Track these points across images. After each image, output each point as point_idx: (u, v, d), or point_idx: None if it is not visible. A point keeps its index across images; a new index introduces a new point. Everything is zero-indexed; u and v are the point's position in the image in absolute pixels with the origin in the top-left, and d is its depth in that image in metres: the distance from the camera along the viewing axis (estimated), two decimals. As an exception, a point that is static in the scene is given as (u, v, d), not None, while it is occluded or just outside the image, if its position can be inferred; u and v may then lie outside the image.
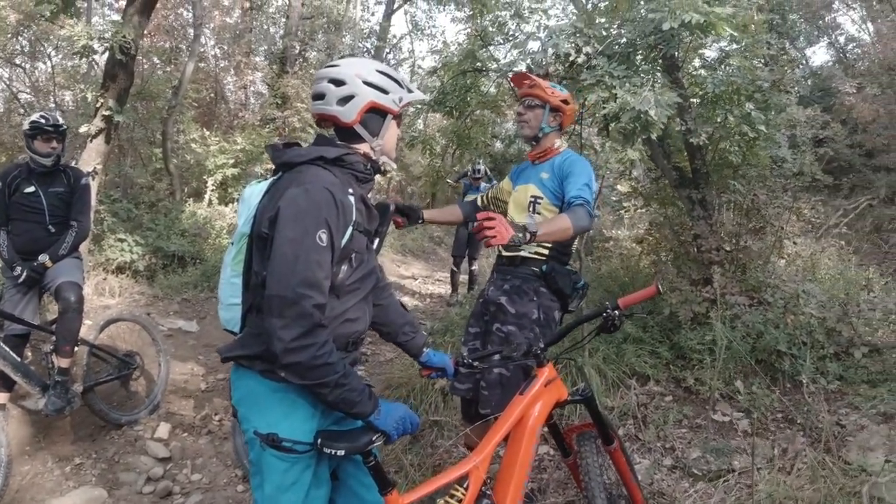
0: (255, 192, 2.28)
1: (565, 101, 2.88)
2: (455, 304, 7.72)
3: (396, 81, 1.87)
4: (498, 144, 12.80)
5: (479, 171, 7.47)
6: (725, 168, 5.08)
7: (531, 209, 2.86)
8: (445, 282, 10.18)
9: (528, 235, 2.21)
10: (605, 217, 9.20)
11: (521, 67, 4.16)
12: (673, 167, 5.21)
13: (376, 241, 1.93)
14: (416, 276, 10.60)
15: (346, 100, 1.78)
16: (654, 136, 3.76)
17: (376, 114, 1.84)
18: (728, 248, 5.13)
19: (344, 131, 1.84)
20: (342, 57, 2.28)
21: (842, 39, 16.15)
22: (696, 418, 4.19)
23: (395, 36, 18.82)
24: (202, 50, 14.28)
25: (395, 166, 1.97)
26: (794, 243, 5.76)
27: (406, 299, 8.62)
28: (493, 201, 3.23)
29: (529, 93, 2.88)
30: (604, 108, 3.49)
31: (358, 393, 1.67)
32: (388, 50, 16.42)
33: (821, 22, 14.42)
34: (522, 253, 2.83)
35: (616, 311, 2.10)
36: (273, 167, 1.86)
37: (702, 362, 4.44)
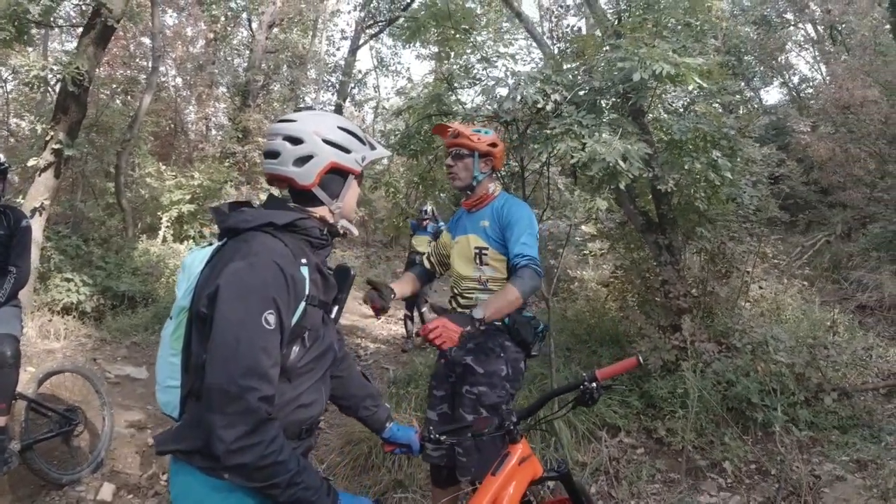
0: (196, 259, 2.02)
1: (493, 144, 2.76)
2: (410, 350, 7.48)
3: (359, 138, 1.72)
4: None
5: (425, 212, 7.41)
6: (691, 213, 5.07)
7: (478, 261, 2.74)
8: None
9: (476, 324, 2.25)
10: (569, 257, 9.15)
11: (488, 112, 4.08)
12: (639, 212, 5.19)
13: (335, 311, 1.76)
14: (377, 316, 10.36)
15: (303, 160, 1.62)
16: (622, 186, 3.69)
17: (337, 174, 1.68)
18: (696, 294, 5.10)
19: (300, 193, 1.68)
20: (298, 110, 2.10)
21: (795, 79, 16.86)
22: (670, 472, 4.07)
23: (360, 71, 18.85)
24: (162, 80, 13.99)
25: (355, 231, 1.80)
26: (760, 287, 5.78)
27: (368, 342, 8.38)
28: (438, 258, 3.08)
29: (455, 143, 2.76)
30: (573, 157, 3.41)
31: (314, 491, 1.48)
32: (352, 85, 16.37)
33: (774, 62, 14.99)
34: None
35: (594, 384, 1.96)
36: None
37: (673, 413, 4.35)
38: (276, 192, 1.94)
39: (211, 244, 1.68)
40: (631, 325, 5.34)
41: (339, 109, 14.51)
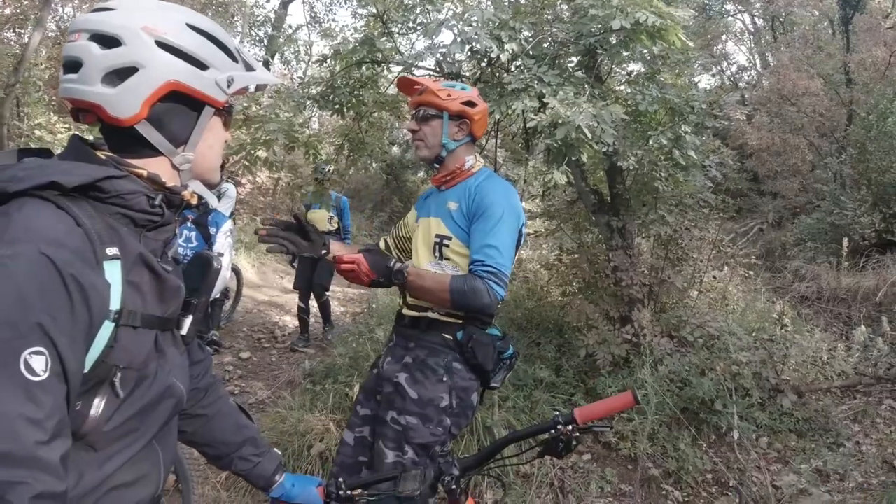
0: None
1: (469, 103, 2.09)
2: (301, 350, 6.02)
3: (225, 48, 1.05)
4: (395, 149, 11.86)
5: (324, 170, 5.37)
6: (646, 194, 4.62)
7: (437, 253, 2.08)
8: (333, 297, 9.22)
9: (391, 277, 1.90)
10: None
11: (430, 63, 3.44)
12: (591, 190, 4.69)
13: (186, 324, 1.09)
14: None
15: (120, 74, 0.94)
16: (583, 158, 3.14)
17: (182, 104, 1.02)
18: (647, 283, 4.69)
19: (118, 133, 1.00)
20: None
21: (734, 68, 17.00)
22: (621, 483, 3.64)
23: (290, 26, 17.55)
24: (62, 20, 12.41)
25: (214, 200, 1.19)
26: (714, 277, 5.45)
27: (287, 319, 7.59)
28: (398, 243, 2.42)
29: (420, 101, 2.10)
30: (531, 120, 2.82)
31: None
32: (282, 40, 15.14)
33: (714, 50, 14.96)
34: (430, 314, 2.05)
35: (570, 427, 1.40)
36: None
37: (622, 413, 3.92)
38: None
39: None
40: (577, 313, 4.89)
41: (266, 65, 13.37)
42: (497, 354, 2.03)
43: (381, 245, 2.43)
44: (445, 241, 2.06)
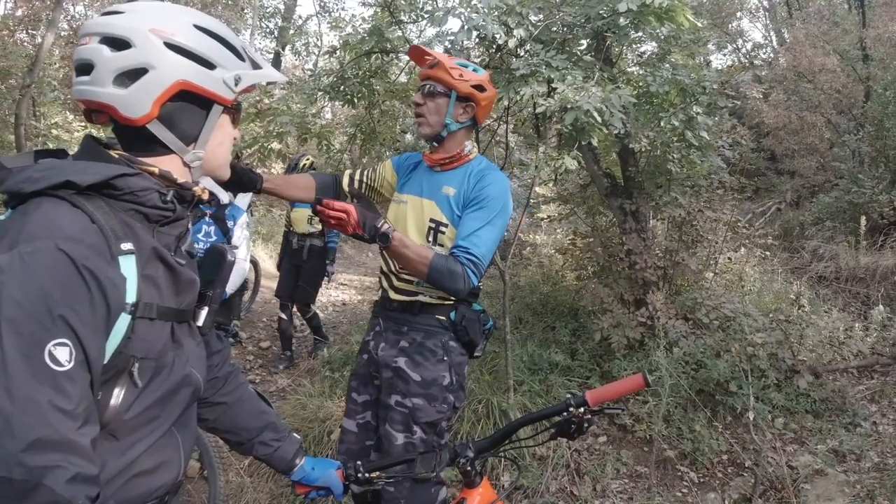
0: None
1: (479, 87, 2.06)
2: (281, 369, 5.15)
3: (231, 48, 1.08)
4: (409, 137, 11.88)
5: (295, 166, 4.89)
6: (660, 177, 4.60)
7: (430, 238, 2.08)
8: (350, 285, 9.32)
9: (376, 238, 1.79)
10: (519, 219, 8.64)
11: (439, 50, 3.43)
12: (604, 174, 4.68)
13: (202, 315, 1.14)
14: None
15: (131, 76, 0.98)
16: (594, 142, 3.14)
17: (192, 103, 1.05)
18: (661, 265, 4.68)
19: (130, 133, 1.03)
20: None
21: (749, 45, 16.68)
22: (636, 464, 3.67)
23: (300, 17, 17.55)
24: (74, 19, 12.54)
25: (224, 196, 1.19)
26: (729, 259, 5.42)
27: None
28: (363, 186, 2.34)
29: (430, 75, 2.06)
30: (540, 105, 2.82)
31: None
32: (292, 31, 15.17)
33: (729, 27, 14.70)
34: (421, 297, 2.08)
35: (582, 409, 1.42)
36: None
37: (638, 397, 3.94)
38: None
39: None
40: (591, 297, 4.90)
41: (277, 57, 13.41)
42: (482, 328, 2.13)
43: (346, 180, 2.34)
44: (441, 228, 2.06)
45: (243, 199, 5.52)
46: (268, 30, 16.07)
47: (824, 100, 10.21)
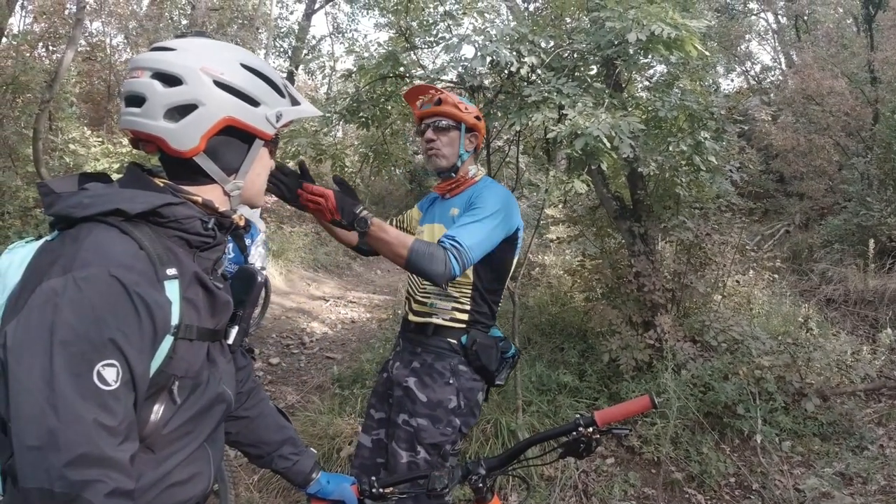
0: (14, 262, 1.07)
1: (478, 118, 2.23)
2: None
3: (274, 85, 1.15)
4: (419, 158, 12.03)
5: None
6: (668, 200, 4.65)
7: None
8: (359, 303, 9.37)
9: (353, 223, 1.78)
10: (529, 240, 8.69)
11: (452, 76, 3.54)
12: (613, 196, 4.74)
13: (233, 334, 1.20)
14: (327, 297, 9.70)
15: (181, 111, 1.05)
16: (603, 166, 3.21)
17: (236, 137, 1.12)
18: (670, 288, 4.72)
19: (176, 164, 1.10)
20: (183, 35, 1.22)
21: (757, 68, 16.82)
22: (644, 486, 3.68)
23: (314, 37, 17.86)
24: (99, 38, 12.81)
25: (261, 225, 1.26)
26: (738, 281, 5.45)
27: (315, 325, 7.75)
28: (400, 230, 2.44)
29: (438, 111, 2.15)
30: (550, 130, 2.90)
31: None
32: (306, 51, 15.43)
33: (736, 51, 14.83)
34: (435, 319, 2.14)
35: (591, 429, 1.47)
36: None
37: (646, 419, 3.96)
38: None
39: (41, 237, 1.07)
40: (600, 319, 4.93)
41: (290, 77, 13.63)
42: (500, 355, 2.15)
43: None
44: None
45: (257, 217, 5.63)
46: (281, 49, 16.36)
47: (833, 122, 10.26)
